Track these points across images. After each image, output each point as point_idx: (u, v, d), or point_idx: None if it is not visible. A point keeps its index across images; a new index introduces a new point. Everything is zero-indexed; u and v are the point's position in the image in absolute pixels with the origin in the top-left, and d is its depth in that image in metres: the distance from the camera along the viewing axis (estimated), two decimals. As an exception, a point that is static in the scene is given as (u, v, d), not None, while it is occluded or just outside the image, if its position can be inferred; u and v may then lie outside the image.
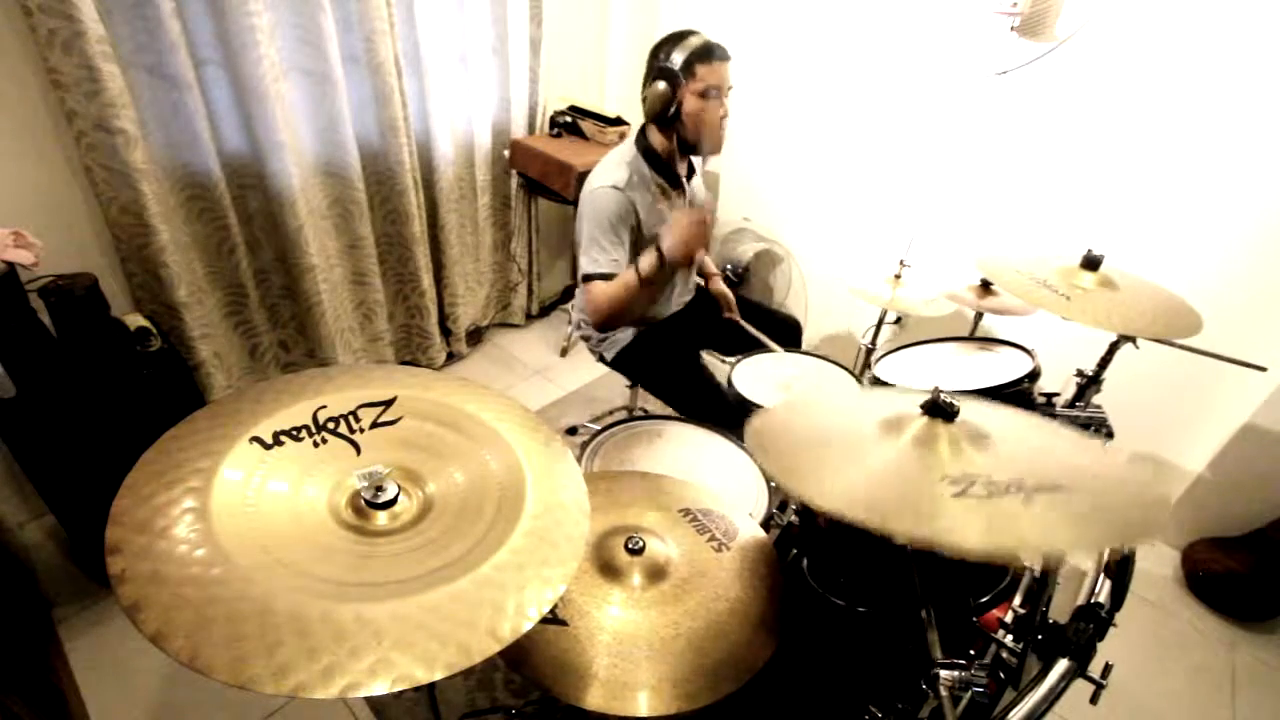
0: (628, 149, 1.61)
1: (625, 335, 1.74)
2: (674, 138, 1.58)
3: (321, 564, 0.67)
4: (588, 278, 1.54)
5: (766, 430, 0.92)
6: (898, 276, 1.90)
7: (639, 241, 1.59)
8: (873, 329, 2.01)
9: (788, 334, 1.97)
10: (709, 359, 1.85)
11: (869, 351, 1.99)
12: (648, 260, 1.46)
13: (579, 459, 1.34)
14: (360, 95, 2.02)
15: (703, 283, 1.95)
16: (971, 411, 0.83)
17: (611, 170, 1.56)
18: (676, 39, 1.49)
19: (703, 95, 1.50)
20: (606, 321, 1.55)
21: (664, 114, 1.52)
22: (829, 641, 1.09)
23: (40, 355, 1.42)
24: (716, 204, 2.84)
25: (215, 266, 1.93)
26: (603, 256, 1.52)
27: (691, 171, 1.73)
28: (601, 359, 1.81)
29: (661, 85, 1.49)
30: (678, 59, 1.47)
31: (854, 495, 0.73)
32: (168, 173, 1.74)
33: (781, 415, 0.97)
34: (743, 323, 1.82)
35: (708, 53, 1.48)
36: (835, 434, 0.91)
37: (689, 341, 1.82)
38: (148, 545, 0.63)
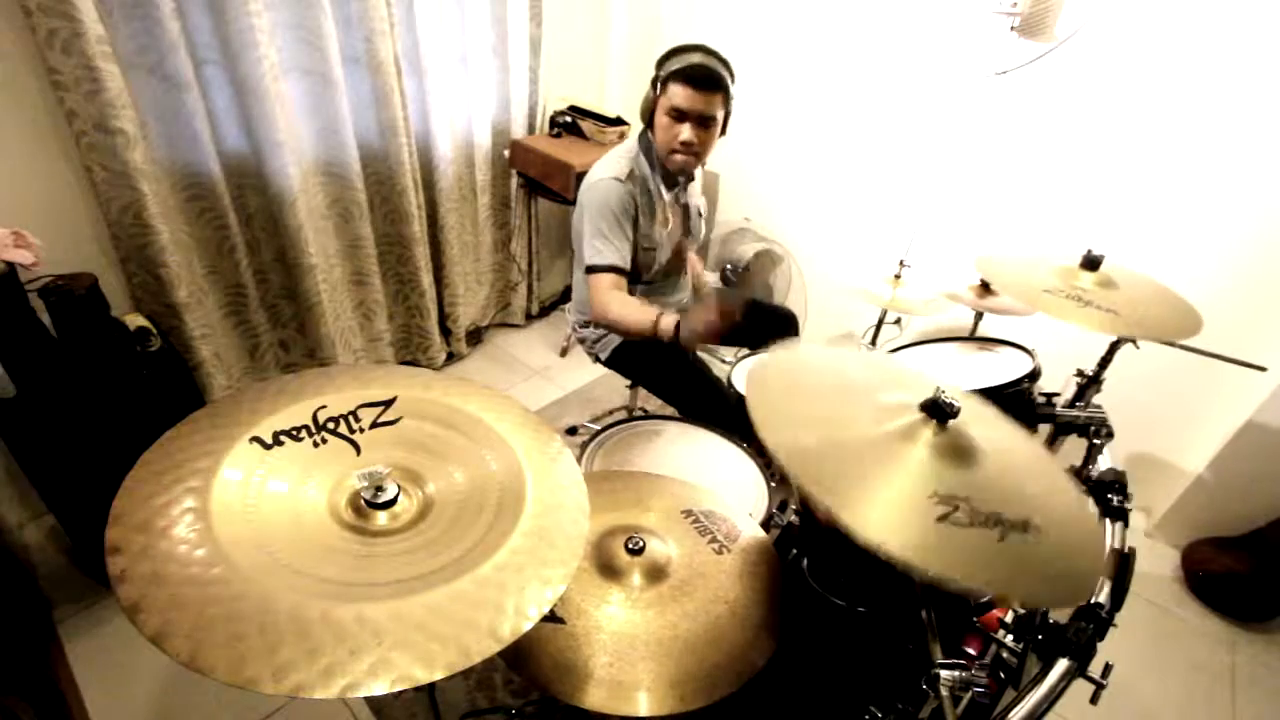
0: (630, 145, 1.62)
1: (617, 335, 1.74)
2: None
3: (321, 564, 0.67)
4: (593, 269, 1.54)
5: (771, 375, 0.91)
6: (898, 276, 1.91)
7: (635, 236, 1.59)
8: (873, 329, 2.01)
9: (783, 331, 1.96)
10: (709, 359, 1.85)
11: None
12: (666, 325, 1.40)
13: (579, 459, 1.34)
14: (360, 95, 2.02)
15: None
16: (967, 417, 0.82)
17: (613, 163, 1.57)
18: (675, 51, 1.48)
19: (669, 114, 1.48)
20: (607, 325, 1.56)
21: (647, 119, 1.55)
22: (829, 641, 1.09)
23: (40, 355, 1.42)
24: (715, 210, 2.84)
25: (215, 266, 1.93)
26: (607, 247, 1.52)
27: (690, 176, 1.73)
28: (597, 359, 1.81)
29: (648, 91, 1.51)
30: (663, 70, 1.47)
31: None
32: (168, 173, 1.74)
33: (789, 366, 0.96)
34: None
35: (682, 74, 1.43)
36: (833, 405, 0.89)
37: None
38: (148, 545, 0.63)
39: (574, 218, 1.67)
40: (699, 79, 1.43)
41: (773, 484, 1.34)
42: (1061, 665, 0.86)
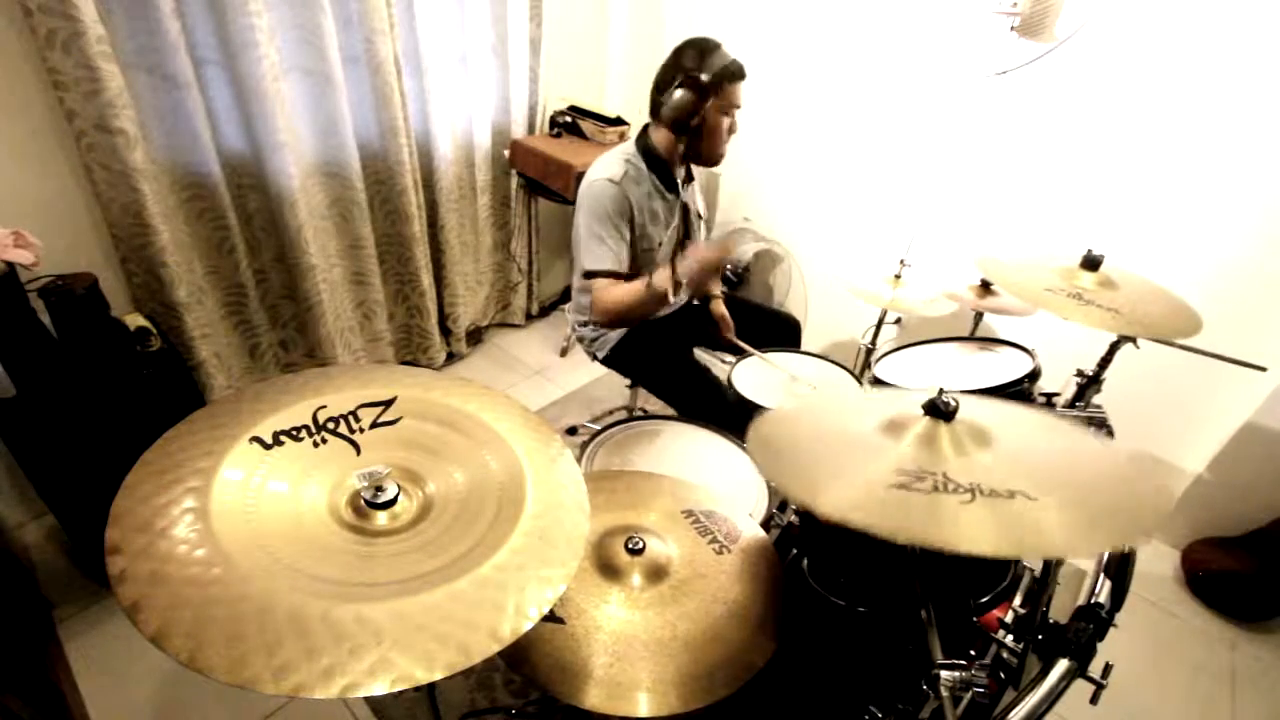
0: (628, 146, 1.62)
1: (616, 333, 1.74)
2: (682, 144, 1.57)
3: (321, 564, 0.67)
4: (591, 274, 1.54)
5: (768, 435, 0.92)
6: (898, 276, 1.90)
7: (633, 238, 1.59)
8: (873, 329, 2.01)
9: (787, 333, 1.97)
10: (709, 359, 1.85)
11: (869, 351, 1.99)
12: (661, 279, 1.45)
13: (579, 459, 1.34)
14: (360, 95, 2.02)
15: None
16: (972, 410, 0.83)
17: (608, 165, 1.57)
18: (706, 50, 1.48)
19: (723, 112, 1.52)
20: (613, 322, 1.58)
21: (683, 122, 1.51)
22: (829, 641, 1.09)
23: (40, 355, 1.42)
24: (715, 210, 2.84)
25: (215, 266, 1.93)
26: (604, 251, 1.52)
27: (690, 177, 1.73)
28: (594, 357, 1.82)
29: (688, 95, 1.47)
30: (709, 72, 1.46)
31: (850, 499, 0.73)
32: (168, 173, 1.74)
33: (783, 420, 0.97)
34: (741, 343, 1.80)
35: (737, 73, 1.50)
36: (836, 436, 0.91)
37: (682, 338, 1.82)
38: (148, 545, 0.63)
39: (574, 220, 1.67)
40: (744, 72, 1.51)
41: (773, 484, 1.34)
42: (1061, 665, 0.86)
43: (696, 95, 1.47)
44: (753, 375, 1.67)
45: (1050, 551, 0.81)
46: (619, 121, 2.55)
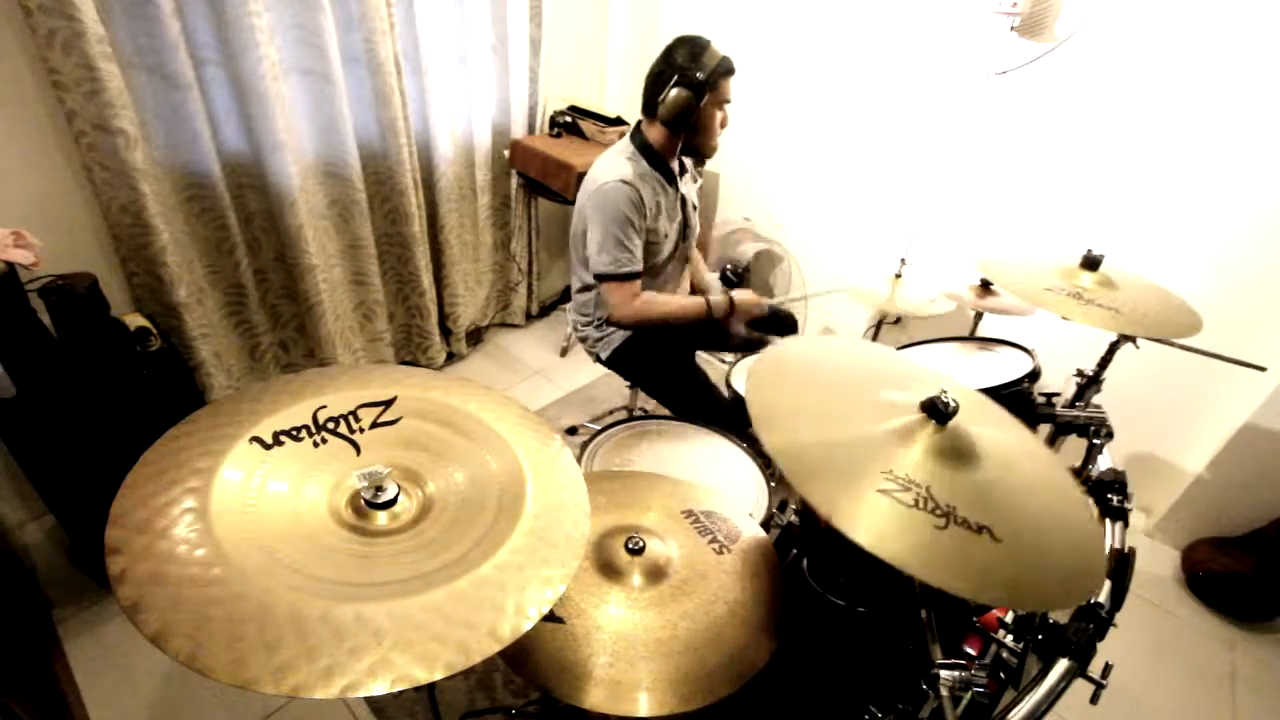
0: (625, 145, 1.62)
1: (620, 334, 1.74)
2: (679, 139, 1.60)
3: (321, 564, 0.67)
4: (611, 277, 1.56)
5: (775, 370, 0.93)
6: (898, 276, 1.91)
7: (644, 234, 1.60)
8: (873, 329, 2.01)
9: (784, 331, 1.98)
10: (708, 358, 1.85)
11: (869, 351, 1.99)
12: (721, 304, 1.65)
13: (579, 459, 1.34)
14: (360, 95, 2.02)
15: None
16: (968, 417, 0.82)
17: (614, 166, 1.57)
18: (698, 48, 1.51)
19: (717, 106, 1.56)
20: (650, 322, 1.63)
21: (681, 119, 1.54)
22: (829, 641, 1.09)
23: (40, 355, 1.42)
24: (715, 210, 2.84)
25: (215, 266, 1.93)
26: (624, 255, 1.54)
27: (683, 170, 1.74)
28: (597, 358, 1.82)
29: (684, 93, 1.50)
30: (704, 71, 1.49)
31: (842, 501, 0.73)
32: (168, 173, 1.74)
33: (794, 359, 0.98)
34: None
35: (729, 70, 1.54)
36: (831, 409, 0.90)
37: (684, 340, 1.82)
38: (148, 545, 0.63)
39: (574, 220, 1.67)
40: (733, 67, 1.55)
41: (773, 484, 1.34)
42: (1061, 665, 0.86)
43: (694, 93, 1.50)
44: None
45: (994, 601, 0.82)
46: (619, 121, 2.55)
